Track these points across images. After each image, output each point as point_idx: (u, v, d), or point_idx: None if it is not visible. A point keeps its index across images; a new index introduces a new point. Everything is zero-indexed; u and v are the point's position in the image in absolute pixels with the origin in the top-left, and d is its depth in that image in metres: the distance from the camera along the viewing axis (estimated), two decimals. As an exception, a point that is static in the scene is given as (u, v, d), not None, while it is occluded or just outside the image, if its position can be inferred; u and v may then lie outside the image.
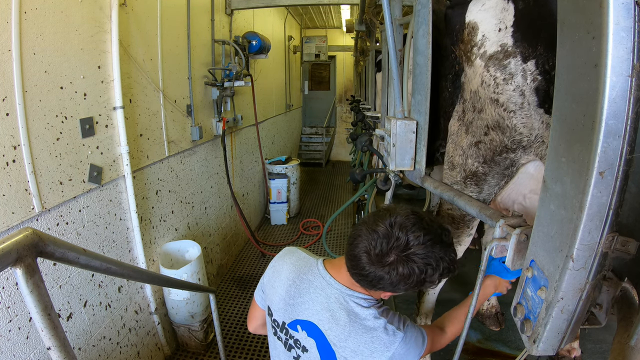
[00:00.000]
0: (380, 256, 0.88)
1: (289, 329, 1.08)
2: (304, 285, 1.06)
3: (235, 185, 4.67)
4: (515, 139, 1.07)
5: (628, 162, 0.55)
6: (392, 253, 0.88)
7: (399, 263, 0.87)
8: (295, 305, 1.05)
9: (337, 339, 0.98)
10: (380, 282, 0.90)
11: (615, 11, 0.50)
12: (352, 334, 0.97)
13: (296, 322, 1.05)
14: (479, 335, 1.79)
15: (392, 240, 0.88)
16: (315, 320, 1.02)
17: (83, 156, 2.13)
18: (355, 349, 0.96)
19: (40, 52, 1.82)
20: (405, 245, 0.87)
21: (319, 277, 1.05)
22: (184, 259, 3.06)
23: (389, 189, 1.72)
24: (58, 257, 0.86)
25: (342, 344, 0.97)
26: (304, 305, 1.04)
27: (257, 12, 5.45)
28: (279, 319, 1.10)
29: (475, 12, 1.12)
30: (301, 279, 1.07)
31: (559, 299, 0.64)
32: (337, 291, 1.02)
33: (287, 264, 1.12)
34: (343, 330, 0.98)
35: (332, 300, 1.01)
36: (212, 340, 3.08)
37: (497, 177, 1.19)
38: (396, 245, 0.87)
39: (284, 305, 1.08)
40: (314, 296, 1.03)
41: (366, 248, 0.90)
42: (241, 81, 4.10)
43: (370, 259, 0.89)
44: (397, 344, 0.95)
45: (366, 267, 0.90)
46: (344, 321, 0.98)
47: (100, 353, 2.24)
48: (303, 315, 1.04)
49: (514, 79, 1.01)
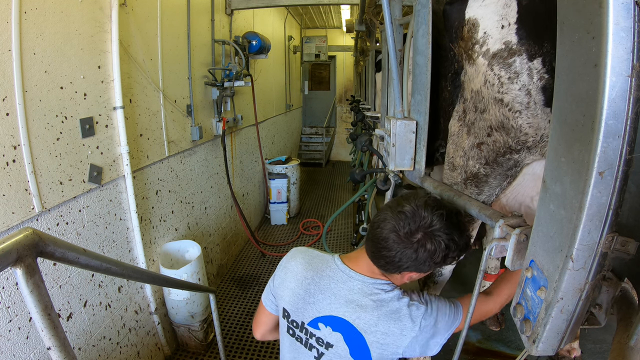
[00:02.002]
0: (409, 234, 0.94)
1: (309, 328, 1.08)
2: (324, 282, 1.07)
3: (235, 185, 4.67)
4: (520, 140, 1.05)
5: (628, 162, 0.55)
6: (419, 231, 0.94)
7: (426, 240, 0.93)
8: (316, 302, 1.06)
9: (367, 325, 1.01)
10: (407, 262, 0.95)
11: (615, 11, 0.50)
12: (382, 318, 1.01)
13: (317, 320, 1.06)
14: (479, 335, 1.79)
15: (418, 219, 0.94)
16: (341, 313, 1.04)
17: (83, 156, 2.13)
18: (385, 331, 1.00)
19: (40, 52, 1.82)
20: (430, 223, 0.94)
21: (339, 271, 1.07)
22: (184, 259, 3.06)
23: (388, 189, 1.72)
24: (58, 257, 0.86)
25: (373, 329, 1.01)
26: (326, 300, 1.05)
27: (257, 12, 5.45)
28: (297, 319, 1.10)
29: (475, 8, 1.09)
30: (320, 276, 1.08)
31: (559, 299, 0.64)
32: (360, 282, 1.05)
33: (300, 264, 1.12)
34: (372, 315, 1.01)
35: (355, 292, 1.04)
36: (212, 340, 3.08)
37: (499, 179, 1.18)
38: (422, 224, 0.93)
39: (303, 305, 1.08)
40: (336, 291, 1.05)
41: (394, 228, 0.95)
42: (241, 81, 4.10)
43: (400, 237, 0.94)
44: (421, 316, 1.00)
45: (394, 247, 0.94)
46: (371, 307, 1.02)
47: (100, 353, 2.24)
48: (325, 311, 1.05)
49: (519, 78, 0.99)
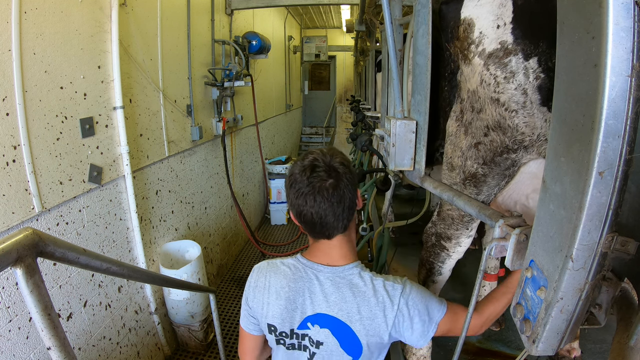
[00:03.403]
0: (322, 192, 0.96)
1: (298, 332, 1.07)
2: (299, 284, 1.06)
3: (235, 185, 4.67)
4: (517, 139, 1.06)
5: (628, 162, 0.55)
6: (327, 182, 0.97)
7: (330, 176, 0.97)
8: (298, 306, 1.05)
9: (350, 314, 1.02)
10: (345, 202, 0.98)
11: (615, 11, 0.50)
12: (362, 304, 1.01)
13: (305, 321, 1.05)
14: (479, 335, 1.79)
15: (320, 178, 0.97)
16: (323, 309, 1.03)
17: (83, 156, 2.13)
18: (369, 316, 1.01)
19: (40, 52, 1.82)
20: (329, 169, 0.98)
21: (307, 269, 1.06)
22: (184, 259, 3.06)
23: (388, 189, 1.72)
24: (58, 257, 0.86)
25: (356, 317, 1.01)
26: (307, 301, 1.05)
27: (257, 12, 5.45)
28: (286, 329, 1.07)
29: (471, 8, 1.10)
30: (294, 280, 1.06)
31: (559, 299, 0.64)
32: (329, 273, 1.04)
33: (272, 277, 1.08)
34: (352, 304, 1.01)
35: (328, 284, 1.04)
36: (212, 340, 3.08)
37: (497, 178, 1.18)
38: (326, 176, 0.97)
39: (288, 313, 1.06)
40: (312, 288, 1.05)
41: (317, 206, 0.97)
42: (241, 81, 4.10)
43: (322, 204, 0.97)
44: (398, 295, 1.01)
45: (329, 214, 0.98)
46: (349, 296, 1.02)
47: (100, 353, 2.25)
48: (309, 311, 1.04)
49: (515, 78, 1.00)
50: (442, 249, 1.47)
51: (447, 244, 1.45)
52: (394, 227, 2.80)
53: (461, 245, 1.44)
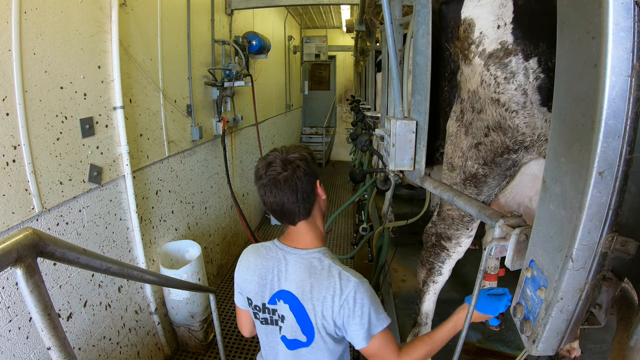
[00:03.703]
0: (276, 184, 1.08)
1: (269, 306, 1.18)
2: (270, 263, 1.17)
3: (235, 185, 4.67)
4: (517, 140, 1.06)
5: (628, 162, 0.55)
6: (281, 175, 1.08)
7: (287, 169, 1.08)
8: (267, 283, 1.17)
9: (303, 293, 1.11)
10: (299, 193, 1.10)
11: (615, 11, 0.50)
12: (315, 285, 1.10)
13: (273, 297, 1.17)
14: (479, 335, 1.79)
15: (277, 173, 1.09)
16: (286, 286, 1.14)
17: (83, 156, 2.13)
18: (318, 297, 1.09)
19: (40, 52, 1.82)
20: (285, 164, 1.10)
21: (279, 250, 1.18)
22: (184, 259, 3.06)
23: (388, 189, 1.72)
24: (58, 257, 0.86)
25: (308, 296, 1.10)
26: (275, 278, 1.16)
27: (257, 12, 5.45)
28: (258, 303, 1.19)
29: (471, 8, 1.10)
30: (266, 259, 1.19)
31: (559, 299, 0.64)
32: (295, 255, 1.15)
33: (251, 256, 1.23)
34: (306, 284, 1.11)
35: (293, 264, 1.15)
36: (212, 340, 3.08)
37: (498, 178, 1.18)
38: (282, 172, 1.09)
39: (259, 288, 1.18)
40: (280, 267, 1.16)
41: (274, 192, 1.09)
42: (241, 81, 4.10)
43: (278, 194, 1.09)
44: (350, 287, 1.07)
45: (285, 197, 1.09)
46: (305, 275, 1.12)
47: (100, 353, 2.24)
48: (276, 288, 1.16)
49: (515, 78, 1.00)
50: (442, 249, 1.47)
51: (447, 244, 1.45)
52: (394, 227, 2.80)
53: (461, 245, 1.44)
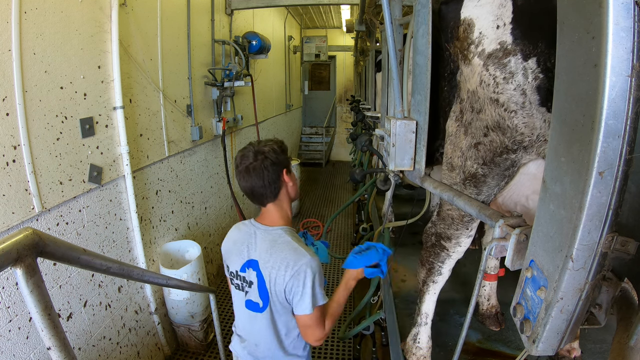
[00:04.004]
0: (247, 171, 1.29)
1: (240, 273, 1.40)
2: (244, 236, 1.41)
3: (235, 185, 4.67)
4: (516, 140, 1.06)
5: (628, 162, 0.55)
6: (252, 164, 1.29)
7: (257, 159, 1.29)
8: (241, 252, 1.39)
9: (264, 261, 1.32)
10: (266, 179, 1.29)
11: (615, 11, 0.50)
12: (273, 255, 1.31)
13: (244, 265, 1.38)
14: (479, 335, 1.79)
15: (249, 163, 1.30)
16: (254, 256, 1.36)
17: (83, 156, 2.13)
18: (274, 265, 1.29)
19: (40, 52, 1.82)
20: (254, 155, 1.30)
21: (251, 226, 1.42)
22: (184, 259, 3.06)
23: (388, 189, 1.72)
24: (58, 257, 0.86)
25: (267, 264, 1.31)
26: (245, 249, 1.38)
27: (257, 12, 5.45)
28: (233, 269, 1.42)
29: (471, 8, 1.10)
30: (242, 234, 1.43)
31: (559, 299, 0.64)
32: (262, 231, 1.38)
33: (233, 232, 1.48)
34: (266, 253, 1.32)
35: (259, 238, 1.37)
36: (212, 340, 3.08)
37: (497, 178, 1.18)
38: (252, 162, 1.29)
39: (234, 257, 1.41)
40: (251, 240, 1.39)
41: (245, 179, 1.31)
42: (241, 81, 4.10)
43: (249, 180, 1.30)
44: (302, 261, 1.27)
45: (254, 183, 1.30)
46: (267, 247, 1.33)
47: (100, 353, 2.25)
48: (246, 257, 1.38)
49: (514, 78, 1.00)
50: (442, 249, 1.47)
51: (447, 244, 1.45)
52: (394, 227, 2.80)
53: (461, 245, 1.44)
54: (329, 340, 3.22)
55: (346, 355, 3.04)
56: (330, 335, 3.28)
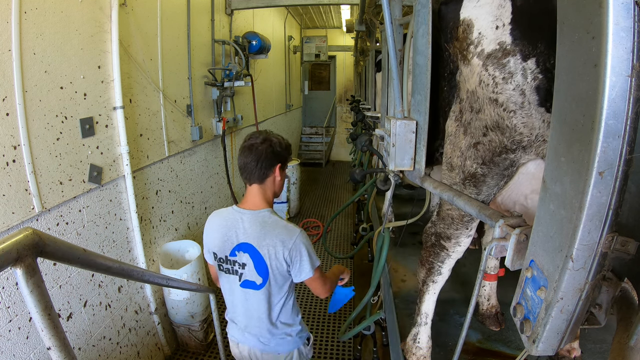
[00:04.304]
0: (250, 148, 1.44)
1: (230, 258, 1.50)
2: (230, 223, 1.50)
3: (236, 185, 4.67)
4: (515, 140, 1.06)
5: (628, 162, 0.55)
6: (255, 143, 1.44)
7: (263, 144, 1.44)
8: (229, 238, 1.49)
9: (258, 241, 1.44)
10: (261, 161, 1.43)
11: (615, 11, 0.50)
12: (267, 235, 1.44)
13: (233, 249, 1.49)
14: (479, 335, 1.79)
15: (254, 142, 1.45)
16: (244, 239, 1.47)
17: (83, 156, 2.13)
18: (270, 243, 1.43)
19: (40, 52, 1.82)
20: (262, 139, 1.45)
21: (237, 213, 1.50)
22: (184, 259, 3.06)
23: (388, 189, 1.72)
24: (58, 257, 0.85)
25: (262, 243, 1.44)
26: (234, 234, 1.48)
27: (257, 12, 5.45)
28: (222, 255, 1.52)
29: (470, 9, 1.10)
30: (227, 220, 1.51)
31: (559, 299, 0.64)
32: (249, 214, 1.48)
33: (214, 220, 1.56)
34: (260, 234, 1.44)
35: (248, 222, 1.47)
36: (212, 340, 3.08)
37: (497, 178, 1.18)
38: (257, 143, 1.44)
39: (222, 243, 1.50)
40: (239, 225, 1.48)
41: (245, 155, 1.45)
42: (241, 81, 4.10)
43: (248, 156, 1.44)
44: (296, 235, 1.43)
45: (249, 160, 1.44)
46: (259, 229, 1.45)
47: (100, 353, 2.25)
48: (236, 242, 1.48)
49: (513, 78, 1.00)
50: (441, 248, 1.47)
51: (447, 244, 1.45)
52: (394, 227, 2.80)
53: (461, 245, 1.44)
54: (329, 340, 3.22)
55: (347, 356, 3.04)
56: (331, 335, 3.28)
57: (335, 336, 3.25)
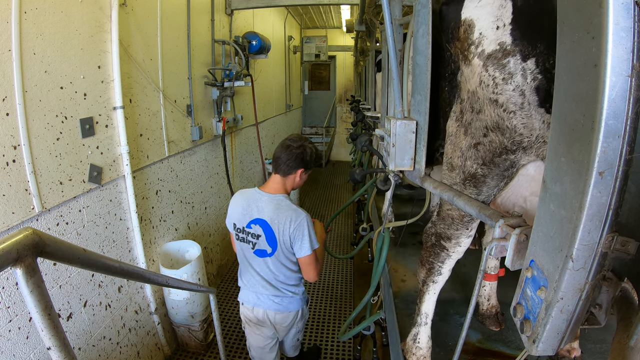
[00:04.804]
0: (287, 147, 1.84)
1: (246, 229, 1.87)
2: (250, 201, 1.87)
3: (235, 186, 4.67)
4: (515, 140, 1.06)
5: (628, 162, 0.55)
6: (292, 146, 1.83)
7: (297, 148, 1.83)
8: (248, 213, 1.85)
9: (271, 217, 1.80)
10: (290, 161, 1.81)
11: (615, 11, 0.50)
12: (278, 213, 1.79)
13: (250, 223, 1.85)
14: (479, 335, 1.79)
15: (291, 144, 1.85)
16: (259, 215, 1.83)
17: (83, 156, 2.13)
18: (279, 220, 1.78)
19: (40, 52, 1.82)
20: (298, 145, 1.84)
21: (257, 194, 1.87)
22: (184, 259, 3.06)
23: (388, 189, 1.72)
24: (58, 257, 0.85)
25: (274, 220, 1.79)
26: (253, 211, 1.84)
27: (257, 12, 5.45)
28: (240, 225, 1.89)
29: (471, 9, 1.10)
30: (249, 199, 1.88)
31: (559, 299, 0.64)
32: (267, 197, 1.84)
33: (238, 197, 1.94)
34: (273, 212, 1.80)
35: (264, 202, 1.83)
36: (212, 340, 3.08)
37: (497, 179, 1.18)
38: (293, 145, 1.84)
39: (242, 216, 1.87)
40: (257, 204, 1.84)
41: (280, 150, 1.84)
42: (241, 81, 4.10)
43: (282, 153, 1.83)
44: (301, 217, 1.78)
45: (282, 156, 1.82)
46: (273, 208, 1.81)
47: (100, 353, 2.25)
48: (253, 216, 1.84)
49: (513, 79, 1.00)
50: (442, 249, 1.47)
51: (447, 244, 1.45)
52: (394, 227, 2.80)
53: (461, 245, 1.44)
54: (329, 340, 3.22)
55: (346, 356, 3.04)
56: (331, 335, 3.28)
57: (335, 336, 3.25)
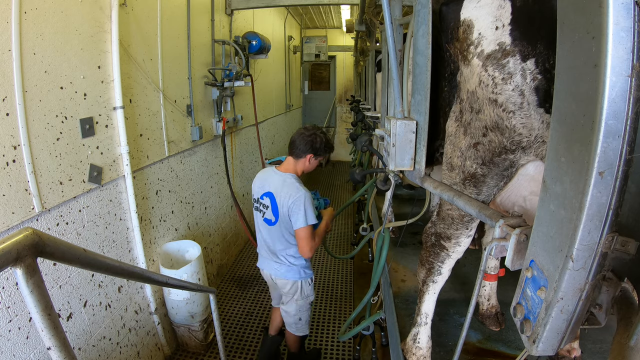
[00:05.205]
0: (301, 134, 2.18)
1: (260, 200, 2.23)
2: (266, 176, 2.24)
3: (235, 185, 4.67)
4: (514, 140, 1.06)
5: (628, 162, 0.55)
6: (305, 133, 2.16)
7: (309, 136, 2.15)
8: (262, 187, 2.21)
9: (277, 191, 2.12)
10: (302, 145, 2.13)
11: (615, 11, 0.50)
12: (283, 188, 2.11)
13: (263, 195, 2.21)
14: (479, 335, 1.79)
15: (305, 131, 2.18)
16: (269, 189, 2.17)
17: (83, 156, 2.13)
18: (284, 194, 2.09)
19: (40, 52, 1.82)
20: (310, 133, 2.17)
21: (272, 172, 2.21)
22: (184, 259, 3.06)
23: (388, 189, 1.72)
24: (58, 257, 0.85)
25: (279, 193, 2.11)
26: (266, 186, 2.19)
27: (257, 12, 5.45)
28: (256, 197, 2.27)
29: (470, 10, 1.10)
30: (265, 176, 2.25)
31: (559, 299, 0.64)
32: (278, 175, 2.18)
33: (260, 174, 2.31)
34: (280, 187, 2.12)
35: (276, 179, 2.17)
36: (212, 340, 3.08)
37: (496, 179, 1.18)
38: (306, 133, 2.17)
39: (258, 189, 2.24)
40: (270, 180, 2.19)
41: (296, 135, 2.19)
42: (241, 81, 4.10)
43: (297, 137, 2.18)
44: (300, 193, 2.06)
45: (296, 140, 2.15)
46: (280, 184, 2.13)
47: (100, 353, 2.24)
48: (266, 190, 2.19)
49: (512, 79, 1.00)
50: (441, 248, 1.47)
51: (447, 244, 1.45)
52: (394, 227, 2.80)
53: (461, 245, 1.44)
54: (329, 340, 3.22)
55: (346, 356, 3.04)
56: (331, 335, 3.28)
57: (335, 336, 3.25)
